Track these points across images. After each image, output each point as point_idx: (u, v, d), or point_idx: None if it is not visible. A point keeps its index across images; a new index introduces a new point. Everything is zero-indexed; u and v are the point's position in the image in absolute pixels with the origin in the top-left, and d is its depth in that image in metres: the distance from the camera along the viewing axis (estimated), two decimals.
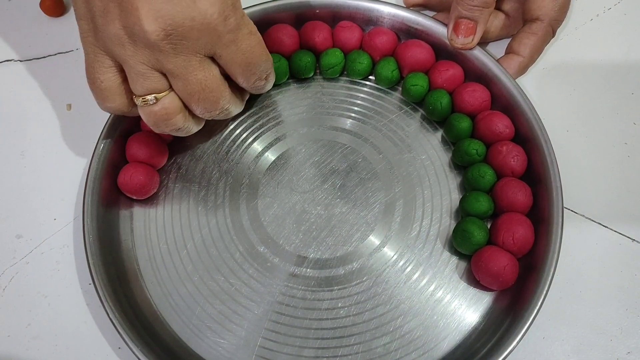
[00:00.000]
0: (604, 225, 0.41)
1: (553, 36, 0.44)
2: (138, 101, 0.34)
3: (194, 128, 0.38)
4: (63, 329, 0.38)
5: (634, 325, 0.38)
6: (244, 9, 0.44)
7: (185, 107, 0.36)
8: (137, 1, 0.30)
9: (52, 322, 0.38)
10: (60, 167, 0.43)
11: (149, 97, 0.34)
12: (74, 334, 0.38)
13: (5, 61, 0.47)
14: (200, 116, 0.37)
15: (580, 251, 0.40)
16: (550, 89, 0.45)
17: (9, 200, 0.42)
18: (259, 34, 0.35)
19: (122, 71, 0.34)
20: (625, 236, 0.40)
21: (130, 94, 0.35)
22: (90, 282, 0.36)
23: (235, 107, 0.39)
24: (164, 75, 0.33)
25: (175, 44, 0.31)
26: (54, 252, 0.40)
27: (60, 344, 0.38)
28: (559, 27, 0.44)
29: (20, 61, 0.47)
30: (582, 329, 0.38)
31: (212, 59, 0.34)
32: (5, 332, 0.38)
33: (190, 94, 0.34)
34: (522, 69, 0.43)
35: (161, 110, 0.34)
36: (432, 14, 0.46)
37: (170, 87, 0.34)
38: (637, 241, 0.40)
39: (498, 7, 0.45)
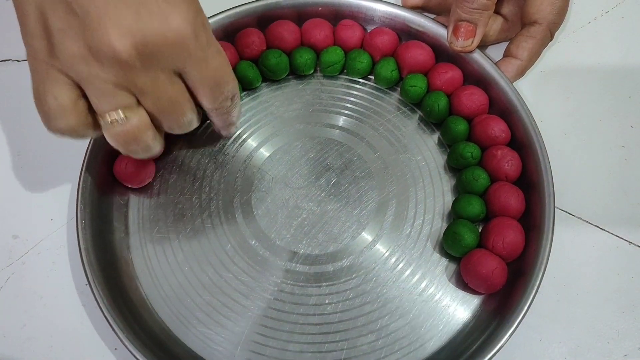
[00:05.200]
0: (601, 228, 0.40)
1: (551, 39, 0.42)
2: (104, 120, 0.31)
3: (158, 147, 0.35)
4: (59, 329, 0.37)
5: (631, 328, 0.37)
6: (245, 4, 0.43)
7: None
8: (103, 18, 0.28)
9: (48, 323, 0.37)
10: (56, 167, 0.42)
11: (117, 115, 0.31)
12: (70, 335, 0.37)
13: (2, 61, 0.46)
14: (167, 130, 0.35)
15: (577, 254, 0.39)
16: (548, 92, 0.44)
17: (5, 201, 0.41)
18: (224, 53, 0.34)
19: (78, 88, 0.31)
20: (623, 239, 0.39)
21: (86, 112, 0.32)
22: (86, 283, 0.35)
23: (197, 120, 0.36)
24: (132, 93, 0.31)
25: (145, 61, 0.29)
26: (50, 253, 0.39)
27: (56, 345, 0.37)
28: (557, 30, 0.43)
29: (18, 61, 0.46)
30: (579, 332, 0.37)
31: (180, 75, 0.32)
32: (1, 333, 0.37)
33: (160, 110, 0.32)
34: (520, 72, 0.42)
35: (132, 128, 0.32)
36: (431, 16, 0.45)
37: (139, 104, 0.32)
38: (634, 244, 0.39)
39: (497, 11, 0.44)
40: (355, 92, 0.44)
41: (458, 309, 0.37)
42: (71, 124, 0.32)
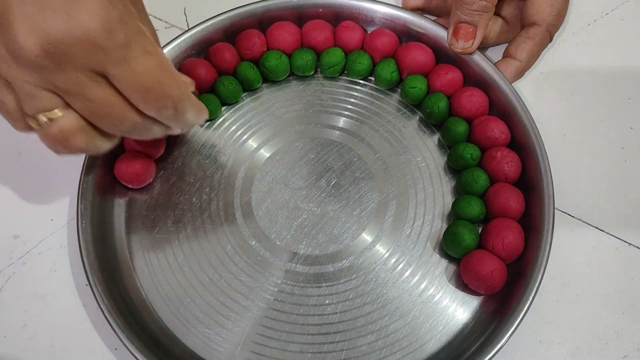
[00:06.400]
0: (600, 229, 0.40)
1: (550, 41, 0.42)
2: (32, 123, 0.30)
3: (104, 145, 0.32)
4: (59, 329, 0.37)
5: (631, 329, 0.37)
6: (245, 5, 0.43)
7: (90, 125, 0.31)
8: (12, 16, 0.26)
9: (49, 322, 0.37)
10: (57, 167, 0.42)
11: (41, 117, 0.29)
12: (71, 334, 0.37)
13: None
14: (114, 133, 0.32)
15: (577, 255, 0.39)
16: (548, 93, 0.44)
17: (6, 201, 0.41)
18: (161, 55, 0.30)
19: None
20: (622, 240, 0.39)
21: None
22: (87, 283, 0.35)
23: (160, 128, 0.33)
24: (57, 94, 0.29)
25: (58, 61, 0.27)
26: (51, 253, 0.39)
27: (57, 344, 0.37)
28: (556, 32, 0.42)
29: None
30: (579, 333, 0.37)
31: (105, 77, 0.29)
32: (2, 333, 0.37)
33: (92, 111, 0.30)
34: (519, 73, 0.42)
35: (57, 131, 0.30)
36: (432, 18, 0.45)
37: (67, 105, 0.30)
38: (634, 245, 0.39)
39: (497, 13, 0.44)
40: (355, 94, 0.44)
41: (458, 309, 0.37)
42: (26, 125, 0.31)
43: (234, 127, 0.43)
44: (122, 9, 0.28)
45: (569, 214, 0.40)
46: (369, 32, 0.44)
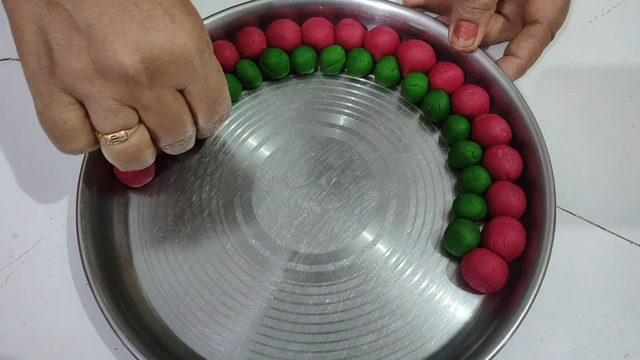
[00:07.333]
0: (602, 228, 0.39)
1: (552, 39, 0.42)
2: (105, 139, 0.31)
3: (152, 161, 0.35)
4: (59, 329, 0.37)
5: (632, 328, 0.37)
6: (245, 3, 0.43)
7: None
8: (110, 34, 0.28)
9: (48, 322, 0.37)
10: (57, 166, 0.41)
11: (119, 134, 0.31)
12: (70, 334, 0.37)
13: (2, 60, 0.46)
14: (166, 148, 0.35)
15: (578, 253, 0.39)
16: (549, 91, 0.44)
17: (5, 200, 0.41)
18: (222, 71, 0.34)
19: (82, 107, 0.31)
20: (623, 238, 0.39)
21: (93, 130, 0.32)
22: (86, 282, 0.35)
23: (194, 140, 0.36)
24: (134, 109, 0.31)
25: (152, 77, 0.29)
26: (50, 252, 0.39)
27: (56, 344, 0.37)
28: (557, 30, 0.42)
29: (18, 60, 0.47)
30: (580, 332, 0.37)
31: (181, 91, 0.32)
32: (1, 332, 0.37)
33: (163, 126, 0.32)
34: (520, 71, 0.42)
35: (133, 146, 0.32)
36: (433, 15, 0.45)
37: (140, 121, 0.32)
38: (635, 243, 0.39)
39: (498, 11, 0.43)
40: (355, 91, 0.44)
41: (459, 308, 0.37)
42: (84, 145, 0.32)
43: (233, 126, 0.43)
44: (207, 34, 0.31)
45: (570, 212, 0.40)
46: (370, 30, 0.44)
